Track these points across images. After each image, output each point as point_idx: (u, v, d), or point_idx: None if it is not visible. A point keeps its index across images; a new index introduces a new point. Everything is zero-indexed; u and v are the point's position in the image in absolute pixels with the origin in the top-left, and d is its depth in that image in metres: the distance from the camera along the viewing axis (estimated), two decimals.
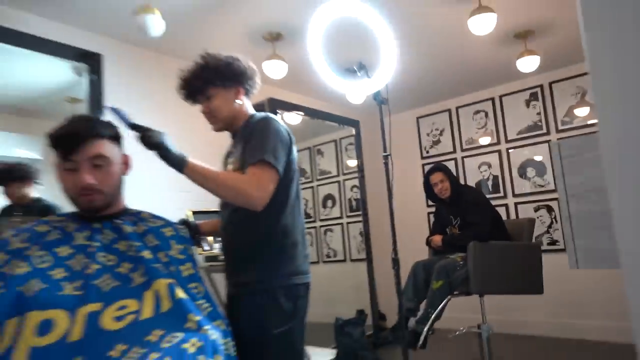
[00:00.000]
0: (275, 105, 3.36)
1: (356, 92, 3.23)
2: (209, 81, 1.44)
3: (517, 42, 3.22)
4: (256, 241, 1.35)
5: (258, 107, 3.40)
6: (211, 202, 3.04)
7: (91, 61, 2.54)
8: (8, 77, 2.58)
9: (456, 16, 2.76)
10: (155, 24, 2.20)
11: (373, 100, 2.40)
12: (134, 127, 1.23)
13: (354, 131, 4.37)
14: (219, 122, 1.48)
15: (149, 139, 1.22)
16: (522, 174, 4.08)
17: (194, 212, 2.67)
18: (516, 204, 4.09)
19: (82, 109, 2.55)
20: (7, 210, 2.35)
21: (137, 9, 2.20)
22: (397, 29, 2.38)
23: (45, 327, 0.94)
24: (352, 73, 2.45)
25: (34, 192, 2.38)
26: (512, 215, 4.09)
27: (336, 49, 2.62)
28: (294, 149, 1.43)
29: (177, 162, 1.24)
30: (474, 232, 2.73)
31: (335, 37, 2.44)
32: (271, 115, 1.43)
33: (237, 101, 1.46)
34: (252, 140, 1.33)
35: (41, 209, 2.33)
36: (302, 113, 3.68)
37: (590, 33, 0.75)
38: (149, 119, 2.81)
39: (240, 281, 1.37)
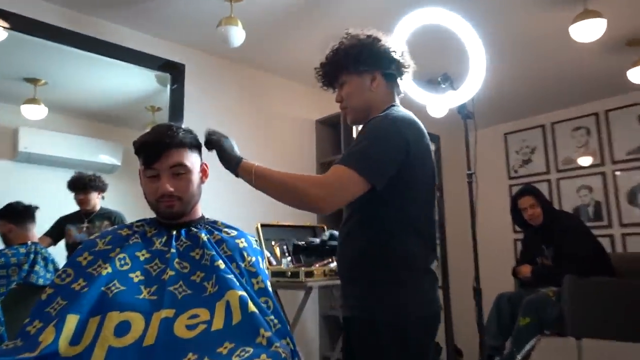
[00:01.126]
0: None
1: (438, 104, 3.17)
2: (341, 66, 1.36)
3: (629, 51, 2.99)
4: (359, 263, 1.29)
5: (331, 121, 3.51)
6: (283, 215, 3.14)
7: (174, 71, 2.74)
8: (94, 85, 2.84)
9: (555, 22, 2.64)
10: (237, 35, 2.34)
11: (457, 114, 2.36)
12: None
13: (433, 146, 4.29)
14: (350, 113, 1.39)
15: (209, 138, 1.30)
16: (632, 200, 3.74)
17: (262, 225, 2.76)
18: (624, 235, 3.75)
19: (163, 117, 2.75)
20: (76, 217, 2.59)
21: (220, 20, 2.35)
22: (486, 37, 2.32)
23: (123, 328, 1.01)
24: (435, 85, 2.43)
25: (99, 202, 2.63)
26: (619, 248, 3.76)
27: (418, 59, 2.61)
28: (421, 161, 1.29)
29: (230, 162, 1.27)
30: (571, 264, 2.56)
31: (418, 46, 2.41)
32: (395, 113, 1.29)
33: (372, 89, 1.35)
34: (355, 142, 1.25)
35: (105, 216, 2.58)
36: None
37: None
38: (225, 128, 2.98)
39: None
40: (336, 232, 1.87)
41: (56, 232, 2.54)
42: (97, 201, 2.61)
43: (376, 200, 1.24)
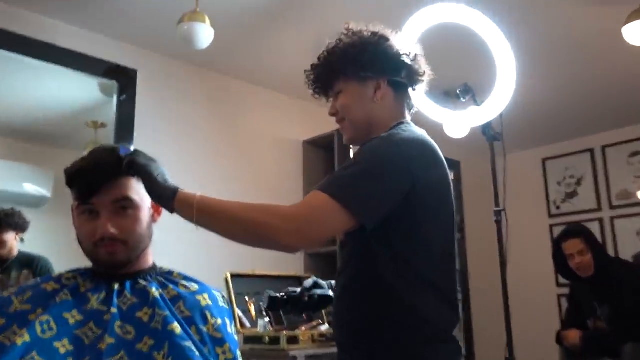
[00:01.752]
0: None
1: (458, 123, 3.22)
2: (338, 69, 1.35)
3: None
4: (359, 329, 1.27)
5: (322, 142, 3.53)
6: (260, 262, 3.12)
7: (123, 78, 2.77)
8: (20, 95, 2.85)
9: (605, 21, 2.72)
10: (204, 34, 2.37)
11: (481, 134, 2.39)
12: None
13: (452, 176, 4.30)
14: (348, 129, 1.39)
15: (132, 160, 1.18)
16: None
17: (233, 275, 2.74)
18: None
19: (108, 135, 2.76)
20: None
21: (182, 15, 2.38)
22: (518, 41, 2.38)
23: None
24: (454, 98, 2.47)
25: (17, 245, 2.60)
26: None
27: (431, 66, 2.65)
28: (436, 194, 1.29)
29: (162, 193, 1.17)
30: (633, 328, 2.56)
31: (431, 52, 2.46)
32: (403, 133, 1.28)
33: (376, 100, 1.34)
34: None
35: (25, 264, 2.55)
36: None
37: None
38: (188, 149, 2.99)
39: None
40: (320, 280, 1.85)
41: None
42: (14, 244, 2.59)
43: (375, 245, 1.23)
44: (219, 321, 1.21)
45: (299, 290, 1.86)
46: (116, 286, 1.20)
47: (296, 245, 1.18)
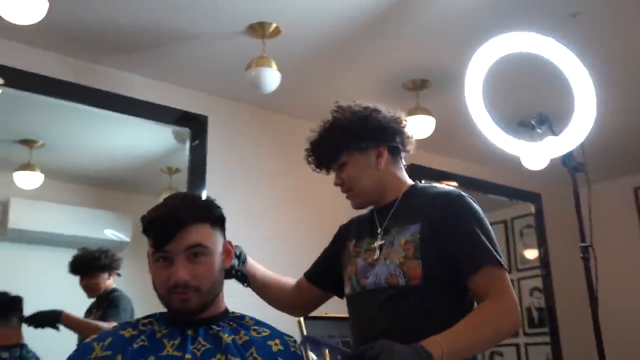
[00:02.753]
0: (419, 173, 3.40)
1: (536, 154, 3.11)
2: (340, 144, 1.51)
3: None
4: None
5: None
6: (329, 306, 3.09)
7: (194, 124, 2.87)
8: (99, 145, 3.01)
9: None
10: (271, 78, 2.44)
11: (562, 165, 2.31)
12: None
13: (533, 209, 4.22)
14: (357, 196, 1.55)
15: None
16: None
17: (307, 318, 2.72)
18: None
19: (182, 180, 2.85)
20: (94, 303, 2.67)
21: (250, 61, 2.46)
22: (593, 61, 2.30)
23: None
24: (530, 128, 2.41)
25: (110, 282, 2.69)
26: None
27: (504, 97, 2.60)
28: None
29: None
30: None
31: (502, 81, 2.43)
32: (466, 197, 1.44)
33: (380, 167, 1.50)
34: (456, 226, 1.37)
35: (111, 300, 2.61)
36: (455, 184, 3.63)
37: None
38: (257, 191, 3.04)
39: None
40: None
41: None
42: (109, 283, 2.68)
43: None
44: None
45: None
46: (190, 332, 1.22)
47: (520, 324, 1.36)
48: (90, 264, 2.65)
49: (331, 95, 3.09)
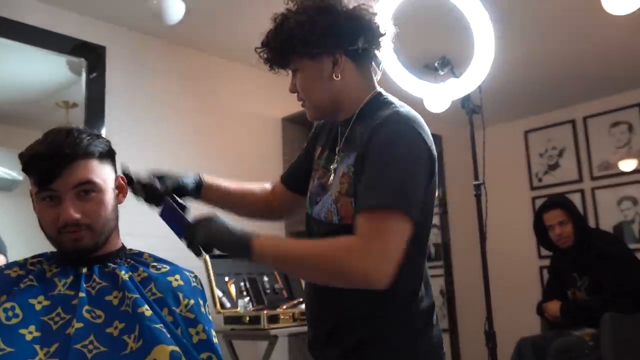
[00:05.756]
0: None
1: (437, 96, 3.21)
2: (288, 49, 1.26)
3: None
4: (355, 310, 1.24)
5: (303, 116, 3.49)
6: None
7: (91, 55, 2.71)
8: None
9: None
10: (174, 7, 2.34)
11: (461, 108, 2.39)
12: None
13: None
14: (310, 108, 1.33)
15: (194, 240, 1.16)
16: None
17: (212, 256, 2.73)
18: None
19: (79, 114, 2.71)
20: None
21: None
22: (496, 13, 2.36)
23: None
24: (432, 71, 2.46)
25: None
26: None
27: (410, 39, 2.62)
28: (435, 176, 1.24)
29: (237, 251, 1.16)
30: (612, 298, 2.61)
31: (408, 24, 2.43)
32: (405, 111, 1.22)
33: (336, 75, 1.25)
34: (370, 161, 1.16)
35: None
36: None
37: None
38: (163, 128, 2.95)
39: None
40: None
41: None
42: None
43: None
44: (192, 302, 1.21)
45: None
46: (84, 270, 1.19)
47: (383, 281, 1.08)
48: None
49: (242, 30, 3.02)
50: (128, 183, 1.31)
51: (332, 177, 1.29)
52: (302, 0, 1.27)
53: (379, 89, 1.33)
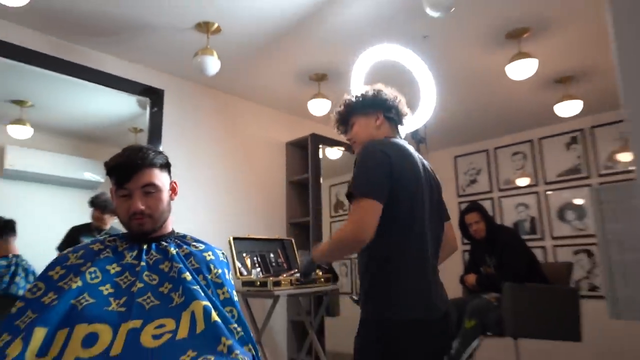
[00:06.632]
0: (317, 140, 3.40)
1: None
2: (351, 110, 1.50)
3: (558, 87, 3.14)
4: (361, 270, 1.37)
5: (299, 143, 3.51)
6: (255, 229, 3.09)
7: (153, 96, 2.68)
8: (79, 107, 2.75)
9: (495, 62, 2.74)
10: (212, 64, 2.32)
11: (411, 138, 2.39)
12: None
13: None
14: (358, 146, 1.47)
15: (307, 272, 1.45)
16: (561, 216, 3.88)
17: (235, 238, 2.72)
18: (554, 246, 3.87)
19: (144, 138, 2.68)
20: (87, 229, 2.49)
21: (197, 50, 2.33)
22: (437, 71, 2.38)
23: (90, 339, 0.96)
24: None
25: (111, 222, 2.53)
26: (550, 258, 3.87)
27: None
28: (403, 175, 1.30)
29: (312, 266, 1.44)
30: (509, 273, 2.61)
31: (376, 78, 2.46)
32: (371, 143, 1.34)
33: (377, 126, 1.45)
34: (355, 170, 1.31)
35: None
36: (342, 148, 3.70)
37: (627, 81, 0.72)
38: (202, 150, 2.94)
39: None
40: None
41: (71, 242, 2.41)
42: (110, 221, 2.52)
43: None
44: (219, 271, 1.20)
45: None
46: (145, 246, 1.18)
47: (365, 238, 1.22)
48: (107, 205, 2.47)
49: (260, 80, 3.03)
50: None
51: None
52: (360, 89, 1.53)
53: (391, 136, 1.46)
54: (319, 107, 2.96)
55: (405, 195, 1.29)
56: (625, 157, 3.61)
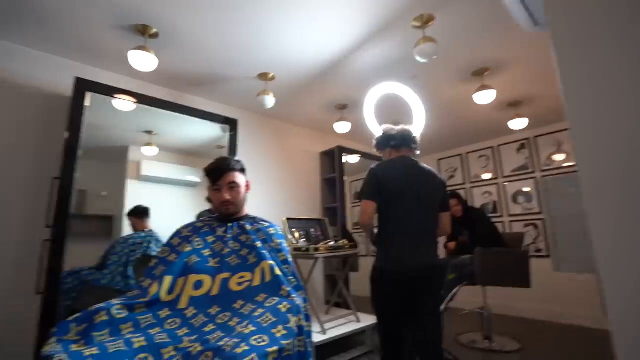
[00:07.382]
0: (341, 150, 3.39)
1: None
2: (376, 147, 1.63)
3: (510, 109, 2.99)
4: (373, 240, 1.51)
5: (329, 153, 3.50)
6: (303, 212, 3.08)
7: (231, 124, 2.71)
8: (187, 133, 2.81)
9: (466, 91, 2.63)
10: (269, 101, 2.35)
11: (408, 147, 2.33)
12: None
13: None
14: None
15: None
16: (515, 200, 3.69)
17: (288, 219, 2.74)
18: (510, 221, 3.70)
19: (225, 152, 2.71)
20: (201, 215, 2.54)
21: (258, 92, 2.36)
22: (424, 100, 2.32)
23: (198, 284, 1.00)
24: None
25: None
26: (507, 230, 3.70)
27: (382, 113, 2.62)
28: (388, 182, 1.42)
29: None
30: (479, 241, 2.52)
31: (382, 106, 2.44)
32: (372, 167, 1.47)
33: (386, 156, 1.56)
34: None
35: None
36: (359, 155, 3.68)
37: (571, 103, 0.68)
38: (264, 160, 2.98)
39: None
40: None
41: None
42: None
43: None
44: (279, 241, 1.21)
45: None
46: (229, 224, 1.20)
47: (366, 225, 1.38)
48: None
49: (301, 110, 3.04)
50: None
51: None
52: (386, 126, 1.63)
53: (394, 157, 1.54)
54: (342, 127, 2.94)
55: (388, 194, 1.41)
56: (559, 157, 3.41)
